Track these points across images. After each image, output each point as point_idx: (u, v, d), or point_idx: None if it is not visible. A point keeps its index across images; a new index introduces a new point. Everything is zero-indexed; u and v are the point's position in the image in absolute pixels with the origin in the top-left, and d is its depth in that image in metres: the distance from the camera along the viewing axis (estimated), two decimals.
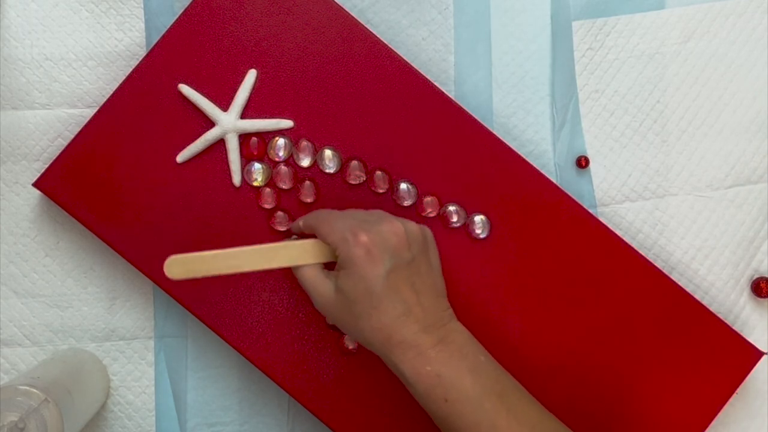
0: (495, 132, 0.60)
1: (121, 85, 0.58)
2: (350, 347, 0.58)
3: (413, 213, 0.59)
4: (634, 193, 0.63)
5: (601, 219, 0.62)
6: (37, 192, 0.59)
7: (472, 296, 0.59)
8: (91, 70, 0.62)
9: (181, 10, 0.59)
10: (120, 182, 0.58)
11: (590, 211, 0.61)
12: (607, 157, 0.63)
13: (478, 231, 0.59)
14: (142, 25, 0.62)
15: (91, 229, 0.58)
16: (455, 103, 0.60)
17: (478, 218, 0.59)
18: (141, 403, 0.61)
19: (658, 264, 0.62)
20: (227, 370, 0.62)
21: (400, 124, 0.59)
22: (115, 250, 0.58)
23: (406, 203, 0.59)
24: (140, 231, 0.58)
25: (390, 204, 0.59)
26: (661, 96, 0.63)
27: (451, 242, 0.59)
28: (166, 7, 0.62)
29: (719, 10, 0.64)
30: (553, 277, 0.59)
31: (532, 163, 0.60)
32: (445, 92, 0.60)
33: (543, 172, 0.60)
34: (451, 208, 0.59)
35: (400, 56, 0.59)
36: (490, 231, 0.59)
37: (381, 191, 0.59)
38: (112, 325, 0.61)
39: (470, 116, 0.59)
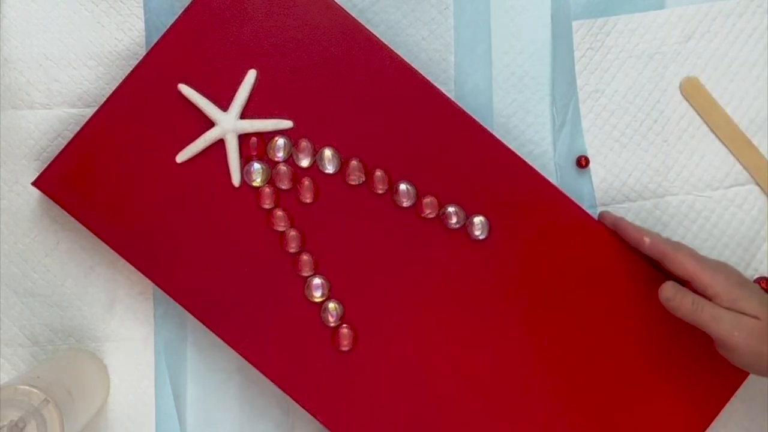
0: (495, 133, 0.60)
1: (121, 84, 0.58)
2: (345, 349, 0.58)
3: (412, 214, 0.59)
4: (634, 193, 0.63)
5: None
6: (37, 192, 0.59)
7: (471, 297, 0.59)
8: (91, 70, 0.62)
9: (181, 10, 0.59)
10: (119, 182, 0.58)
11: (590, 211, 0.61)
12: (607, 157, 0.63)
13: (477, 232, 0.59)
14: (142, 25, 0.62)
15: (90, 229, 0.58)
16: (455, 104, 0.59)
17: (478, 219, 0.59)
18: (141, 403, 0.61)
19: None
20: (227, 371, 0.62)
21: (400, 125, 0.59)
22: (114, 249, 0.58)
23: (406, 204, 0.59)
24: (139, 230, 0.58)
25: (389, 205, 0.59)
26: (661, 96, 0.63)
27: (450, 243, 0.59)
28: (166, 7, 0.62)
29: (719, 10, 0.64)
30: (552, 280, 0.59)
31: (531, 164, 0.60)
32: (444, 93, 0.60)
33: (543, 173, 0.60)
34: (451, 209, 0.59)
35: (400, 57, 0.59)
36: (489, 232, 0.59)
37: (380, 192, 0.59)
38: (112, 325, 0.61)
39: (470, 117, 0.59)
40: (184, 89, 0.58)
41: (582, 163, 0.62)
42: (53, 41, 0.62)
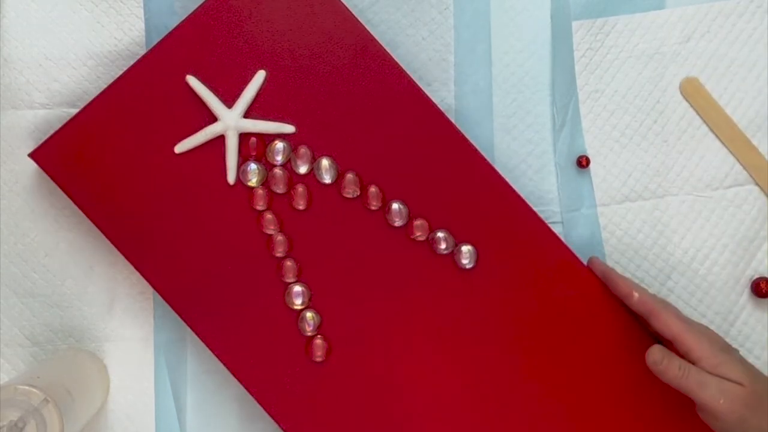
0: (495, 133, 0.60)
1: (129, 69, 0.58)
2: (318, 360, 0.58)
3: (402, 234, 0.59)
4: (634, 193, 0.63)
5: (601, 219, 0.62)
6: (37, 193, 0.59)
7: (450, 324, 0.58)
8: (91, 70, 0.62)
9: (182, 10, 0.59)
10: (115, 164, 0.58)
11: (590, 211, 0.61)
12: (607, 157, 0.63)
13: (464, 261, 0.59)
14: (142, 25, 0.62)
15: (79, 206, 0.57)
16: (459, 131, 0.59)
17: (466, 248, 0.59)
18: (141, 403, 0.61)
19: (658, 264, 0.62)
20: (227, 371, 0.61)
21: (401, 144, 0.59)
22: (99, 229, 0.57)
23: (397, 223, 0.59)
24: (127, 214, 0.57)
25: (381, 222, 0.59)
26: (661, 96, 0.63)
27: (436, 268, 0.59)
28: (166, 6, 0.62)
29: (719, 10, 0.64)
30: (533, 319, 0.58)
31: (527, 201, 0.59)
32: (451, 120, 0.59)
33: (543, 174, 0.60)
34: (440, 234, 0.59)
35: (410, 78, 0.59)
36: (477, 263, 0.59)
37: (373, 208, 0.59)
38: (112, 325, 0.61)
39: (472, 146, 0.59)
40: (192, 81, 0.58)
41: (583, 163, 0.62)
42: (53, 41, 0.62)
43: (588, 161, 0.63)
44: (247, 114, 0.59)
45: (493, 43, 0.63)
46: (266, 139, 0.59)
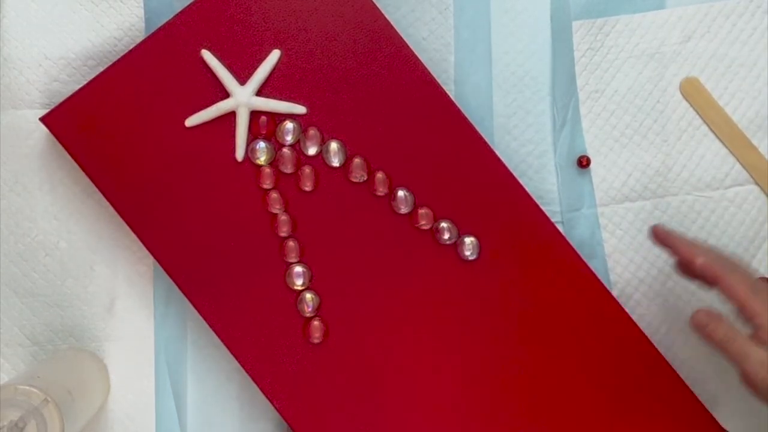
0: (495, 133, 0.60)
1: (145, 39, 0.58)
2: (315, 341, 0.58)
3: (407, 221, 0.59)
4: (634, 193, 0.63)
5: (601, 219, 0.62)
6: (37, 192, 0.59)
7: (448, 315, 0.58)
8: (91, 70, 0.62)
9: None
10: (126, 134, 0.58)
11: (590, 211, 0.61)
12: (607, 157, 0.63)
13: (467, 252, 0.59)
14: (143, 25, 0.62)
15: (87, 174, 0.58)
16: (470, 123, 0.59)
17: (469, 240, 0.59)
18: (141, 403, 0.61)
19: (658, 264, 0.62)
20: (228, 370, 0.62)
21: (410, 132, 0.59)
22: (107, 198, 0.58)
23: (402, 211, 0.59)
24: (135, 184, 0.58)
25: (386, 208, 0.59)
26: (661, 96, 0.63)
27: (438, 258, 0.59)
28: (166, 6, 0.62)
29: (719, 10, 0.64)
30: (532, 315, 0.59)
31: (533, 197, 0.59)
32: (462, 112, 0.59)
33: (543, 174, 0.60)
34: (444, 224, 0.59)
35: (424, 66, 0.59)
36: (479, 255, 0.59)
37: (380, 194, 0.59)
38: (111, 325, 0.61)
39: (482, 140, 0.59)
40: (207, 55, 0.58)
41: (583, 163, 0.62)
42: (53, 41, 0.62)
43: (588, 161, 0.63)
44: (260, 92, 0.59)
45: (493, 43, 0.63)
46: (277, 118, 0.59)
